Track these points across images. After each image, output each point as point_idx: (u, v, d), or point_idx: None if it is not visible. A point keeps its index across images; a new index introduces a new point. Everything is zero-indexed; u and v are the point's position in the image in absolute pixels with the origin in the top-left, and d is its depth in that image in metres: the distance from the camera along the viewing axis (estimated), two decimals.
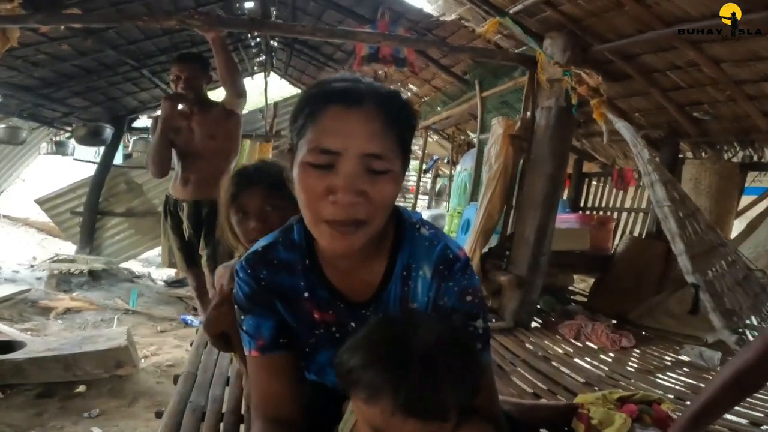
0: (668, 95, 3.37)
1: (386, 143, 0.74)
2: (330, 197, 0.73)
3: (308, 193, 0.74)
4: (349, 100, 0.74)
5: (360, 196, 0.73)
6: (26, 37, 3.33)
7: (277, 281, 0.88)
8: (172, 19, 2.63)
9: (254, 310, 0.88)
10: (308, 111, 0.75)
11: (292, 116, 0.80)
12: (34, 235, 7.92)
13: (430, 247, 0.86)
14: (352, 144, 0.72)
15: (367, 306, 0.88)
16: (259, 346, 0.87)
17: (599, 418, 1.51)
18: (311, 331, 0.91)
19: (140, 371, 2.98)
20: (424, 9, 3.97)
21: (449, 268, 0.84)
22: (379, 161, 0.73)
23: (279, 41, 6.12)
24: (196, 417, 1.50)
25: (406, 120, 0.79)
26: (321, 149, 0.72)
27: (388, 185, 0.75)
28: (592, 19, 2.82)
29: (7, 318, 3.99)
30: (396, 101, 0.78)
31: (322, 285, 0.88)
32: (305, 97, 0.79)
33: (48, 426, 2.34)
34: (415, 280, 0.87)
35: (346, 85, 0.76)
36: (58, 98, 5.12)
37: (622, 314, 3.34)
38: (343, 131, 0.72)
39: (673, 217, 2.21)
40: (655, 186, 2.34)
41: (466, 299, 0.84)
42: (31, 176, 8.51)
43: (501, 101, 4.07)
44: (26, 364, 2.63)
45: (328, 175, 0.72)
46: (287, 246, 0.89)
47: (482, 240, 3.20)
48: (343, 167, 0.72)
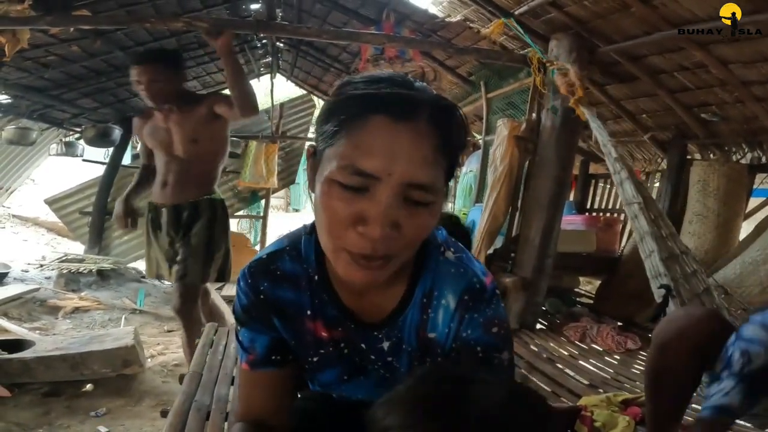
0: (675, 96, 3.35)
1: (435, 171, 0.63)
2: (359, 227, 0.61)
3: (331, 218, 0.63)
4: (400, 111, 0.60)
5: (393, 229, 0.61)
6: (36, 38, 3.37)
7: (277, 295, 0.80)
8: (179, 21, 2.66)
9: (250, 323, 0.82)
10: (344, 116, 0.62)
11: (321, 116, 0.68)
12: (43, 235, 8.01)
13: (456, 275, 0.77)
14: (396, 169, 0.59)
15: (380, 329, 0.81)
16: (249, 361, 0.83)
17: (603, 420, 1.51)
18: (315, 350, 0.84)
19: (147, 370, 3.00)
20: (429, 10, 3.98)
21: (475, 299, 0.76)
22: (423, 193, 0.62)
23: (285, 43, 6.14)
24: (201, 416, 1.51)
25: (461, 143, 0.67)
26: (356, 169, 0.60)
27: (426, 219, 0.64)
28: (598, 20, 2.81)
29: (16, 317, 4.04)
30: (454, 117, 0.66)
31: (332, 304, 0.80)
32: (342, 98, 0.64)
33: (55, 425, 2.35)
34: (436, 309, 0.78)
35: (398, 90, 0.62)
36: (67, 99, 5.17)
37: (628, 317, 3.32)
38: (386, 151, 0.59)
39: (644, 215, 2.16)
40: (624, 184, 2.31)
41: (492, 331, 0.76)
42: (40, 177, 8.61)
43: (506, 102, 4.07)
44: (34, 363, 2.65)
45: (361, 200, 0.61)
46: (294, 257, 0.80)
47: (487, 242, 3.20)
48: (380, 195, 0.60)
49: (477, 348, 0.75)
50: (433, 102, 0.64)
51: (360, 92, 0.63)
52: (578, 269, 3.95)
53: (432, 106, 0.64)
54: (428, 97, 0.65)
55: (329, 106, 0.66)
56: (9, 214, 8.13)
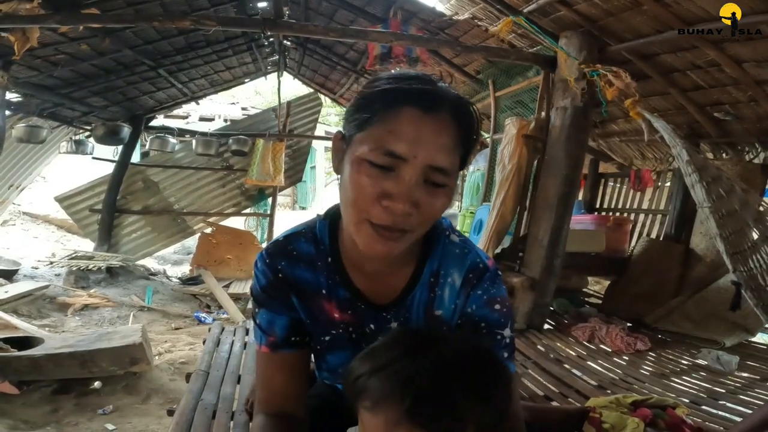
0: (688, 95, 3.31)
1: (453, 158, 0.72)
2: (384, 201, 0.69)
3: (359, 192, 0.70)
4: (427, 104, 0.69)
5: (413, 206, 0.70)
6: (46, 37, 3.39)
7: (295, 274, 0.85)
8: (186, 20, 2.66)
9: (269, 303, 0.86)
10: (379, 106, 0.70)
11: (353, 106, 0.75)
12: (53, 232, 8.09)
13: (461, 255, 0.85)
14: (421, 153, 0.68)
15: (389, 309, 0.86)
16: (270, 342, 0.86)
17: (611, 422, 1.48)
18: (327, 329, 0.89)
19: (154, 368, 3.01)
20: (436, 8, 3.96)
21: (479, 277, 0.83)
22: (441, 175, 0.70)
23: (292, 41, 6.15)
24: (207, 415, 1.51)
25: (475, 135, 0.76)
26: (387, 150, 0.68)
27: (442, 199, 0.72)
28: (609, 18, 2.77)
29: (26, 314, 4.08)
30: (471, 114, 0.75)
31: (344, 285, 0.86)
32: (376, 91, 0.73)
33: (63, 422, 2.37)
34: (443, 287, 0.85)
35: (425, 87, 0.71)
36: (77, 98, 5.21)
37: (638, 317, 3.28)
38: (414, 137, 0.68)
39: (713, 218, 2.20)
40: (695, 187, 2.31)
41: (495, 308, 0.83)
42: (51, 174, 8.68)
43: (515, 101, 4.04)
44: (43, 361, 2.66)
45: (387, 178, 0.69)
46: (310, 240, 0.87)
47: (495, 241, 3.18)
48: (406, 174, 0.69)
49: (481, 324, 0.82)
50: (455, 99, 0.73)
51: (393, 86, 0.72)
52: (587, 269, 3.91)
53: (454, 102, 0.72)
54: (451, 94, 0.73)
55: (363, 96, 0.74)
56: (20, 211, 8.22)
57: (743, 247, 2.21)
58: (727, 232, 2.21)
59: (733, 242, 2.19)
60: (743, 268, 2.11)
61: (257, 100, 15.74)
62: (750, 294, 2.07)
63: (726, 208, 2.28)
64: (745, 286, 2.07)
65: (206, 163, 6.90)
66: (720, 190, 2.34)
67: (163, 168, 6.86)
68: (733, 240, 2.20)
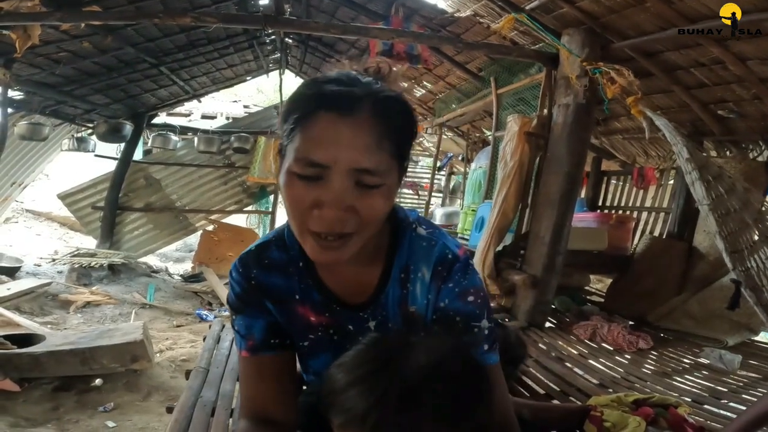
0: (692, 93, 3.28)
1: (380, 156, 0.69)
2: (315, 211, 0.69)
3: (294, 204, 0.71)
4: (342, 107, 0.67)
5: (348, 211, 0.69)
6: (47, 34, 3.39)
7: (269, 282, 0.85)
8: (187, 16, 2.65)
9: (245, 310, 0.86)
10: (298, 115, 0.70)
11: (282, 115, 0.74)
12: (56, 230, 8.11)
13: (428, 248, 0.83)
14: (342, 157, 0.67)
15: (365, 308, 0.86)
16: (249, 347, 0.85)
17: (613, 420, 1.48)
18: (305, 334, 0.89)
19: (155, 366, 3.01)
20: (438, 5, 3.94)
21: (448, 269, 0.81)
22: (370, 176, 0.69)
23: (293, 38, 6.14)
24: (206, 412, 1.51)
25: (406, 128, 0.74)
26: (309, 161, 0.67)
27: (378, 200, 0.71)
28: (612, 15, 2.75)
29: (28, 311, 4.09)
30: (395, 107, 0.72)
31: (316, 288, 0.86)
32: (296, 98, 0.72)
33: (64, 419, 2.37)
34: (414, 282, 0.84)
35: (340, 88, 0.69)
36: (79, 95, 5.22)
37: (640, 316, 3.27)
38: (332, 143, 0.67)
39: (713, 215, 2.17)
40: (695, 185, 2.29)
41: (468, 300, 0.81)
42: (53, 172, 8.71)
43: (517, 98, 4.02)
44: (44, 358, 2.67)
45: (316, 187, 0.68)
46: (280, 247, 0.86)
47: (496, 238, 3.17)
48: (333, 182, 0.68)
49: (456, 318, 0.80)
50: (375, 96, 0.70)
51: (310, 92, 0.71)
52: (589, 267, 3.90)
53: (374, 100, 0.69)
54: (371, 91, 0.70)
55: (288, 106, 0.73)
56: (22, 208, 8.25)
57: (742, 246, 2.19)
58: (726, 230, 2.18)
59: (732, 241, 2.17)
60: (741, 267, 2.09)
61: (259, 97, 15.74)
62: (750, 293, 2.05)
63: (726, 206, 2.26)
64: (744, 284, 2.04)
65: (208, 160, 6.91)
66: (720, 188, 2.32)
67: (165, 165, 6.87)
68: (732, 239, 2.18)
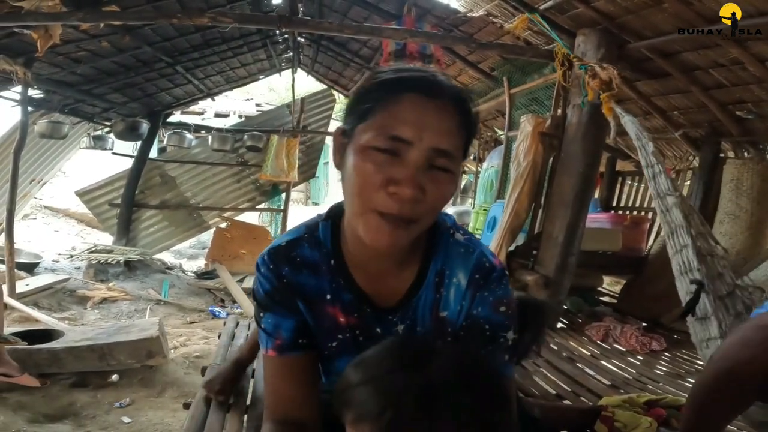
0: (710, 93, 3.24)
1: (456, 142, 0.72)
2: (390, 188, 0.68)
3: (364, 180, 0.69)
4: (429, 90, 0.70)
5: (420, 192, 0.69)
6: (67, 34, 3.45)
7: (299, 281, 0.83)
8: (204, 16, 2.68)
9: (274, 308, 0.84)
10: (380, 95, 0.71)
11: (354, 99, 0.76)
12: (73, 226, 8.25)
13: (466, 254, 0.82)
14: (426, 136, 0.68)
15: (395, 312, 0.84)
16: (276, 346, 0.83)
17: (624, 421, 1.48)
18: (333, 335, 0.87)
19: (170, 362, 3.05)
20: (450, 5, 3.94)
21: (485, 278, 0.81)
22: (445, 159, 0.70)
23: (306, 38, 6.17)
24: (222, 409, 1.53)
25: (474, 125, 0.76)
26: (391, 135, 0.68)
27: (447, 185, 0.72)
28: (628, 16, 2.73)
29: (46, 307, 4.17)
30: (469, 103, 0.75)
31: (348, 288, 0.84)
32: (377, 81, 0.74)
33: (81, 415, 2.40)
34: (449, 287, 0.83)
35: (426, 75, 0.73)
36: (97, 94, 5.31)
37: (654, 318, 3.24)
38: (418, 121, 0.68)
39: (679, 208, 2.07)
40: (658, 177, 2.23)
41: (500, 310, 0.81)
42: (72, 169, 8.85)
43: (530, 98, 4.00)
44: (63, 353, 2.71)
45: (392, 164, 0.68)
46: (312, 244, 0.84)
47: (509, 238, 3.16)
48: (412, 158, 0.68)
49: (486, 326, 0.80)
50: (454, 88, 0.74)
51: (395, 76, 0.73)
52: (602, 268, 3.87)
53: (454, 91, 0.74)
54: (451, 83, 0.75)
55: (364, 89, 0.75)
56: (41, 205, 8.40)
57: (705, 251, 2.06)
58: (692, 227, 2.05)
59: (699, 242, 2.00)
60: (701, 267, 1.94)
61: (271, 96, 15.83)
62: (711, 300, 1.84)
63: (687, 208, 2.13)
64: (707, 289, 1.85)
65: (222, 158, 6.97)
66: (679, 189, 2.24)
67: (180, 163, 6.96)
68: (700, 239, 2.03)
